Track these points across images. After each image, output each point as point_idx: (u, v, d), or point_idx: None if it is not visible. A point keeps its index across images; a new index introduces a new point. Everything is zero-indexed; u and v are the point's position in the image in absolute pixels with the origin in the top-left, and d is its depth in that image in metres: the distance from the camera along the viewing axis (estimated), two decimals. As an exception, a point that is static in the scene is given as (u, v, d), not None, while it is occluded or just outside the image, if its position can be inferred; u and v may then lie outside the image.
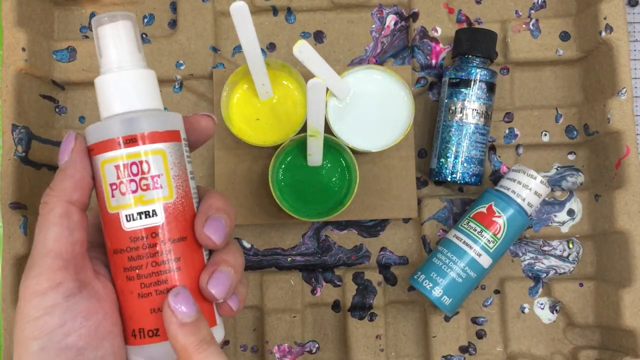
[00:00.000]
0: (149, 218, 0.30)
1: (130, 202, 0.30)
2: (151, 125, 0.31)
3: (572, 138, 0.55)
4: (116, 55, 0.32)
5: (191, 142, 0.35)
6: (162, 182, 0.31)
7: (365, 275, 0.54)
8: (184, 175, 0.32)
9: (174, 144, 0.31)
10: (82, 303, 0.30)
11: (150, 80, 0.33)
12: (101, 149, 0.31)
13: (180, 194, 0.31)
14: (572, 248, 0.55)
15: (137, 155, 0.30)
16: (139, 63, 0.32)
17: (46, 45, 0.54)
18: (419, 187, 0.55)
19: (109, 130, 0.31)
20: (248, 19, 0.42)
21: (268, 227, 0.55)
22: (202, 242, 0.32)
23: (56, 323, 0.29)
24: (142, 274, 0.31)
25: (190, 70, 0.55)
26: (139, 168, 0.30)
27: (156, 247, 0.30)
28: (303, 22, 0.57)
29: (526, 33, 0.55)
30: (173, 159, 0.31)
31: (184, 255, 0.31)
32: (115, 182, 0.31)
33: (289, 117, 0.51)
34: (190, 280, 0.31)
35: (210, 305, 0.32)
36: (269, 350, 0.54)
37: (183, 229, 0.31)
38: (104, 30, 0.32)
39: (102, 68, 0.32)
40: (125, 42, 0.32)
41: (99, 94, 0.32)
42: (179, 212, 0.31)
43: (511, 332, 0.54)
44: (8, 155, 0.50)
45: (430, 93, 0.56)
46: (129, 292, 0.31)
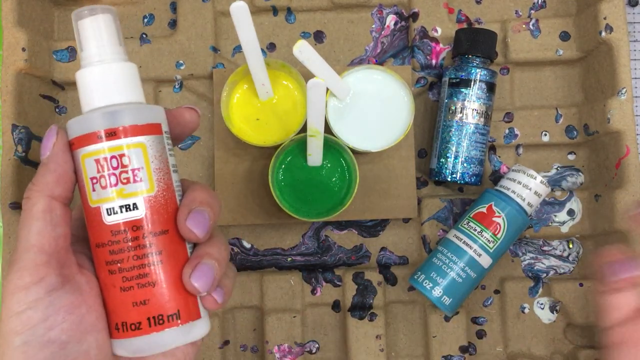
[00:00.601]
0: (130, 211, 0.30)
1: (111, 195, 0.30)
2: (132, 118, 0.31)
3: (572, 138, 0.55)
4: (96, 49, 0.32)
5: (175, 135, 0.34)
6: (142, 175, 0.31)
7: (365, 275, 0.54)
8: (165, 168, 0.32)
9: (155, 137, 0.31)
10: (65, 297, 0.30)
11: (132, 73, 0.32)
12: (81, 143, 0.31)
13: (161, 187, 0.31)
14: (572, 248, 0.55)
15: (118, 149, 0.30)
16: (120, 56, 0.32)
17: (46, 45, 0.54)
18: (419, 187, 0.55)
19: (89, 124, 0.31)
20: (248, 19, 0.42)
21: (268, 227, 0.55)
22: (185, 235, 0.31)
23: (39, 317, 0.29)
24: (123, 267, 0.31)
25: (190, 70, 0.55)
26: (119, 161, 0.30)
27: (138, 241, 0.30)
28: (303, 22, 0.57)
29: (526, 33, 0.55)
30: (154, 152, 0.31)
31: (167, 249, 0.31)
32: (96, 175, 0.31)
33: (289, 117, 0.51)
34: (173, 273, 0.31)
35: (194, 298, 0.32)
36: (269, 350, 0.54)
37: (165, 222, 0.31)
38: (84, 24, 0.32)
39: (83, 62, 0.32)
40: (106, 35, 0.32)
41: (79, 87, 0.32)
42: (161, 205, 0.31)
43: (511, 332, 0.54)
44: (8, 155, 0.50)
45: (430, 93, 0.56)
46: (112, 285, 0.31)
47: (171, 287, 0.31)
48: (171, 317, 0.31)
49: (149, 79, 0.56)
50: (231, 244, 0.55)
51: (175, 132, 0.34)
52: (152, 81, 0.56)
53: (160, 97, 0.56)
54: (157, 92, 0.56)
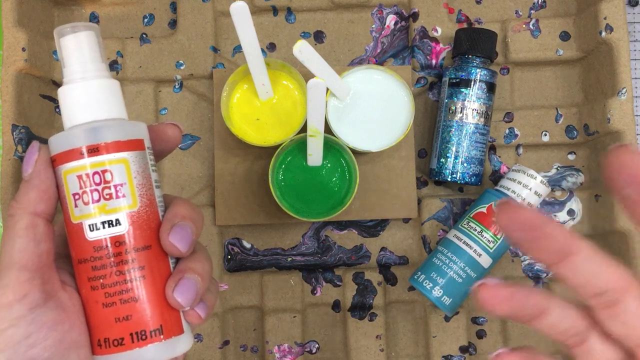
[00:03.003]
0: (113, 227, 0.30)
1: (94, 211, 0.30)
2: (114, 135, 0.31)
3: (572, 138, 0.55)
4: (79, 65, 0.32)
5: (157, 151, 0.34)
6: (125, 190, 0.31)
7: (365, 275, 0.54)
8: (148, 184, 0.32)
9: (137, 153, 0.31)
10: (47, 314, 0.30)
11: (113, 89, 0.32)
12: (63, 159, 0.31)
13: (144, 203, 0.31)
14: (572, 248, 0.55)
15: (100, 165, 0.30)
16: (102, 73, 0.32)
17: (46, 45, 0.54)
18: (419, 187, 0.55)
19: (70, 140, 0.31)
20: (248, 19, 0.42)
21: (268, 227, 0.55)
22: (168, 250, 0.31)
23: (21, 335, 0.29)
24: (106, 283, 0.30)
25: (190, 70, 0.55)
26: (101, 177, 0.30)
27: (120, 256, 0.30)
28: (303, 22, 0.57)
29: (526, 33, 0.55)
30: (137, 168, 0.31)
31: (149, 264, 0.31)
32: (78, 192, 0.31)
33: (289, 117, 0.51)
34: (156, 288, 0.31)
35: (176, 313, 0.32)
36: (269, 350, 0.54)
37: (148, 237, 0.31)
38: (66, 41, 0.32)
39: (65, 78, 0.32)
40: (88, 52, 0.32)
41: (61, 104, 0.32)
42: (144, 221, 0.31)
43: (511, 332, 0.54)
44: (8, 155, 0.50)
45: (430, 93, 0.56)
46: (94, 301, 0.31)
47: (154, 302, 0.31)
48: (154, 333, 0.31)
49: (149, 79, 0.56)
50: (231, 244, 0.55)
51: (158, 148, 0.34)
52: (152, 81, 0.56)
53: (160, 97, 0.56)
54: (157, 92, 0.56)
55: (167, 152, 0.35)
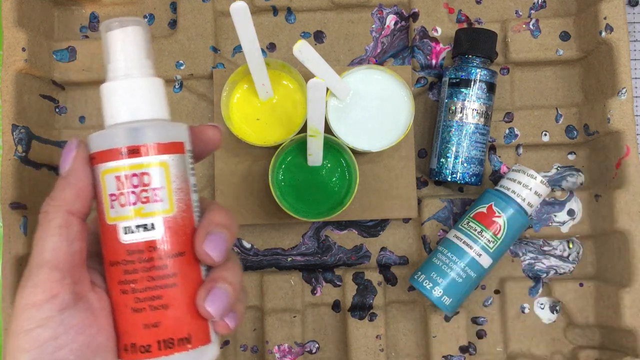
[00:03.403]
0: (147, 231, 0.30)
1: (129, 214, 0.30)
2: (155, 137, 0.30)
3: (572, 138, 0.55)
4: (124, 62, 0.31)
5: (196, 152, 0.34)
6: (162, 195, 0.30)
7: (365, 275, 0.54)
8: (186, 188, 0.31)
9: (177, 156, 0.31)
10: (76, 316, 0.29)
11: (157, 89, 0.32)
12: (102, 158, 0.30)
13: (180, 208, 0.31)
14: (572, 248, 0.55)
15: (139, 167, 0.30)
16: (147, 71, 0.32)
17: (46, 45, 0.54)
18: (419, 187, 0.55)
19: (111, 139, 0.30)
20: (248, 19, 0.42)
21: (268, 227, 0.55)
22: (201, 258, 0.31)
23: (49, 336, 0.29)
24: (137, 288, 0.30)
25: (190, 70, 0.55)
26: (139, 180, 0.30)
27: (153, 262, 0.30)
28: (303, 22, 0.57)
29: (526, 33, 0.55)
30: (176, 172, 0.30)
31: (181, 271, 0.30)
32: (115, 193, 0.30)
33: (289, 117, 0.51)
34: (186, 296, 0.30)
35: (205, 322, 0.31)
36: (269, 350, 0.54)
37: (182, 243, 0.31)
38: (112, 36, 0.31)
39: (109, 74, 0.31)
40: (134, 48, 0.31)
41: (103, 101, 0.31)
42: (179, 227, 0.30)
43: (511, 332, 0.54)
44: (8, 155, 0.50)
45: (430, 93, 0.56)
46: (123, 305, 0.30)
47: (183, 310, 0.30)
48: (181, 342, 0.30)
49: (149, 79, 0.55)
50: (231, 244, 0.55)
51: (197, 150, 0.34)
52: (152, 81, 0.55)
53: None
54: (157, 92, 0.56)
55: (206, 154, 0.34)
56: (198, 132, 0.34)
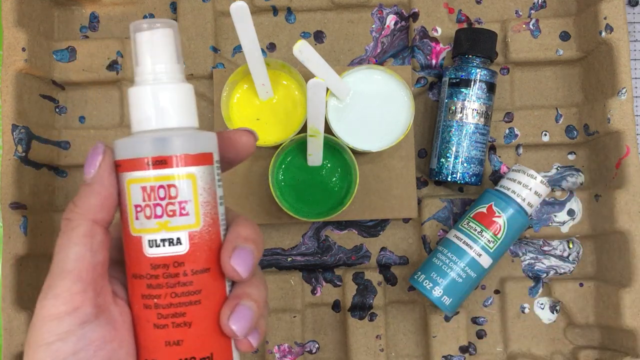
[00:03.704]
0: (173, 246, 0.29)
1: (155, 227, 0.29)
2: (183, 147, 0.29)
3: (572, 138, 0.55)
4: (152, 66, 0.30)
5: (229, 159, 0.33)
6: (189, 208, 0.29)
7: (365, 275, 0.54)
8: (213, 202, 0.30)
9: (205, 168, 0.30)
10: (97, 330, 0.28)
11: (187, 95, 0.30)
12: (129, 167, 0.29)
13: (207, 222, 0.30)
14: (572, 248, 0.55)
15: (166, 179, 0.29)
16: (177, 76, 0.30)
17: (46, 45, 0.54)
18: (419, 187, 0.55)
19: (138, 147, 0.29)
20: (248, 19, 0.42)
21: (268, 227, 0.55)
22: (228, 274, 0.30)
23: (69, 350, 0.28)
24: (160, 304, 0.29)
25: (190, 70, 0.55)
26: (166, 192, 0.29)
27: (178, 278, 0.29)
28: (303, 22, 0.57)
29: (526, 33, 0.55)
30: (203, 184, 0.29)
31: (206, 288, 0.29)
32: (141, 204, 0.29)
33: (289, 117, 0.51)
34: (210, 314, 0.29)
35: (228, 340, 0.30)
36: (269, 350, 0.54)
37: (208, 259, 0.29)
38: (141, 37, 0.30)
39: (137, 77, 0.30)
40: (163, 52, 0.30)
41: (131, 105, 0.30)
42: (205, 242, 0.29)
43: (511, 332, 0.54)
44: (8, 155, 0.50)
45: (430, 93, 0.56)
46: (145, 320, 0.29)
47: (207, 328, 0.29)
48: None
49: (149, 79, 0.56)
50: (231, 244, 0.55)
51: (230, 156, 0.32)
52: (152, 81, 0.55)
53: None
54: (157, 92, 0.56)
55: (239, 161, 0.33)
56: (231, 138, 0.32)
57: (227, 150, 0.32)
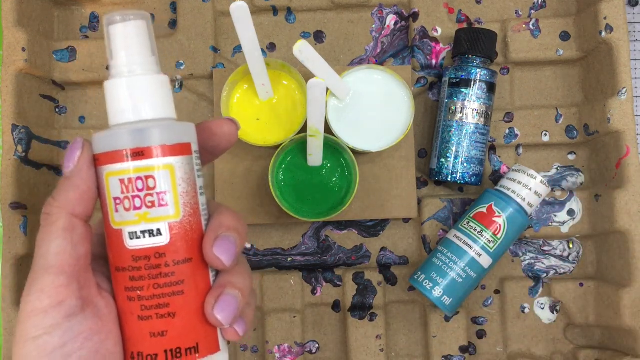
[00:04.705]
0: (153, 237, 0.29)
1: (135, 219, 0.29)
2: (160, 138, 0.29)
3: (572, 138, 0.55)
4: (127, 58, 0.30)
5: (211, 149, 0.32)
6: (169, 199, 0.29)
7: (365, 275, 0.54)
8: (192, 192, 0.30)
9: (184, 158, 0.30)
10: (83, 323, 0.29)
11: (163, 86, 0.30)
12: (107, 160, 0.29)
13: (187, 212, 0.30)
14: (572, 248, 0.55)
15: (144, 170, 0.29)
16: (152, 67, 0.30)
17: (46, 45, 0.54)
18: (419, 187, 0.55)
19: (115, 140, 0.29)
20: (248, 18, 0.42)
21: (268, 227, 0.55)
22: (211, 263, 0.30)
23: (56, 344, 0.28)
24: (143, 295, 0.29)
25: (190, 70, 0.55)
26: (144, 183, 0.29)
27: (159, 269, 0.29)
28: (303, 22, 0.57)
29: (526, 33, 0.55)
30: (182, 175, 0.29)
31: (189, 278, 0.29)
32: (120, 196, 0.29)
33: (289, 117, 0.51)
34: (194, 304, 0.30)
35: (214, 330, 0.31)
36: (269, 350, 0.54)
37: (189, 249, 0.30)
38: (115, 30, 0.30)
39: (112, 71, 0.30)
40: (138, 44, 0.30)
41: (107, 99, 0.30)
42: (186, 232, 0.29)
43: (511, 332, 0.54)
44: (8, 155, 0.50)
45: (430, 93, 0.56)
46: (130, 312, 0.29)
47: (191, 318, 0.29)
48: (189, 351, 0.29)
49: (149, 79, 0.56)
50: (231, 244, 0.55)
51: (211, 146, 0.32)
52: (152, 81, 0.56)
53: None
54: (157, 92, 0.56)
55: (221, 152, 0.33)
56: (211, 128, 0.32)
57: (208, 140, 0.32)
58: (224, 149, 0.33)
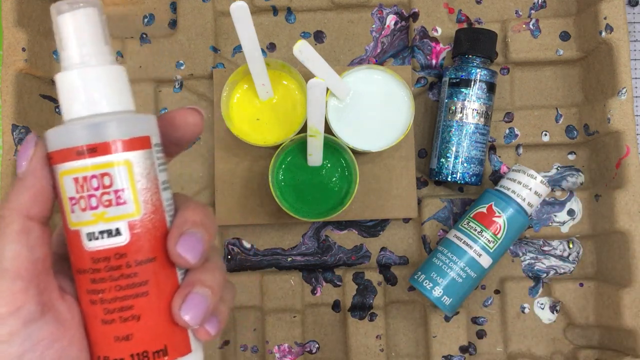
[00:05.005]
0: (112, 237, 0.27)
1: (92, 219, 0.27)
2: (116, 132, 0.27)
3: (572, 138, 0.55)
4: (78, 49, 0.28)
5: (176, 140, 0.31)
6: (126, 197, 0.27)
7: (365, 275, 0.54)
8: (153, 188, 0.28)
9: (142, 153, 0.28)
10: (44, 329, 0.27)
11: (118, 77, 0.29)
12: (60, 158, 0.27)
13: (148, 209, 0.28)
14: (572, 248, 0.55)
15: (99, 167, 0.27)
16: (105, 58, 0.28)
17: (46, 45, 0.54)
18: (419, 187, 0.55)
19: (67, 137, 0.27)
20: (248, 18, 0.42)
21: (268, 227, 0.55)
22: (176, 261, 0.28)
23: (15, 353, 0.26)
24: (105, 298, 0.28)
25: (190, 70, 0.55)
26: (100, 181, 0.27)
27: (120, 270, 0.27)
28: (303, 22, 0.57)
29: (526, 33, 0.55)
30: (141, 170, 0.28)
31: (153, 278, 0.28)
32: (75, 196, 0.27)
33: (289, 117, 0.51)
34: (160, 305, 0.28)
35: (183, 331, 0.29)
36: (269, 350, 0.54)
37: (152, 248, 0.28)
38: (64, 20, 0.28)
39: (63, 63, 0.28)
40: (89, 33, 0.28)
41: (59, 92, 0.28)
42: (147, 230, 0.28)
43: (511, 332, 0.54)
44: (8, 155, 0.50)
45: (430, 93, 0.56)
46: (93, 316, 0.28)
47: (158, 320, 0.28)
48: (157, 354, 0.28)
49: (149, 79, 0.56)
50: (231, 244, 0.55)
51: (176, 137, 0.31)
52: (152, 81, 0.56)
53: (160, 97, 0.56)
54: (157, 92, 0.56)
55: (186, 142, 0.31)
56: (175, 118, 0.30)
57: (173, 131, 0.30)
58: (189, 140, 0.31)
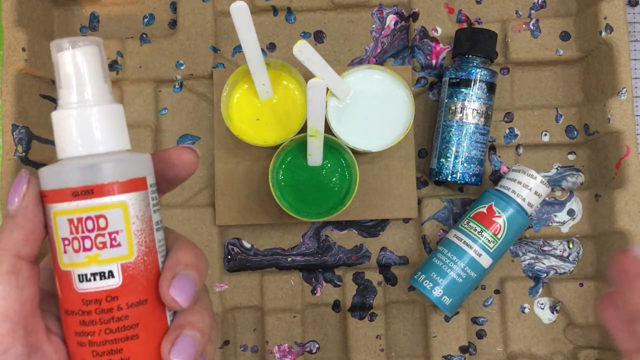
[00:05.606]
0: (105, 280, 0.27)
1: (84, 260, 0.27)
2: (112, 174, 0.27)
3: (572, 138, 0.55)
4: (77, 88, 0.28)
5: (170, 178, 0.30)
6: (121, 239, 0.27)
7: (365, 275, 0.54)
8: (148, 229, 0.28)
9: (137, 194, 0.28)
10: None
11: (115, 116, 0.28)
12: (54, 198, 0.27)
13: (142, 252, 0.28)
14: (572, 248, 0.55)
15: (94, 209, 0.27)
16: (104, 97, 0.28)
17: (46, 45, 0.54)
18: (419, 187, 0.55)
19: (62, 177, 0.27)
20: (248, 19, 0.42)
21: (268, 227, 0.55)
22: (168, 304, 0.28)
23: None
24: (94, 341, 0.27)
25: (190, 70, 0.55)
26: (95, 223, 0.27)
27: (111, 313, 0.27)
28: (303, 22, 0.57)
29: (526, 33, 0.55)
30: (136, 212, 0.28)
31: (144, 321, 0.28)
32: (68, 237, 0.27)
33: (289, 117, 0.51)
34: (149, 348, 0.28)
35: None
36: (269, 350, 0.54)
37: (143, 290, 0.28)
38: (63, 57, 0.28)
39: (60, 100, 0.28)
40: (88, 72, 0.28)
41: (55, 130, 0.28)
42: (140, 272, 0.28)
43: (511, 332, 0.54)
44: (8, 155, 0.50)
45: (430, 93, 0.56)
46: (80, 358, 0.28)
47: None
48: None
49: (149, 79, 0.56)
50: (231, 244, 0.55)
51: (170, 176, 0.30)
52: (152, 81, 0.56)
53: (160, 97, 0.56)
54: (157, 92, 0.56)
55: (181, 181, 0.31)
56: (170, 157, 0.30)
57: (167, 170, 0.30)
58: (183, 179, 0.31)
